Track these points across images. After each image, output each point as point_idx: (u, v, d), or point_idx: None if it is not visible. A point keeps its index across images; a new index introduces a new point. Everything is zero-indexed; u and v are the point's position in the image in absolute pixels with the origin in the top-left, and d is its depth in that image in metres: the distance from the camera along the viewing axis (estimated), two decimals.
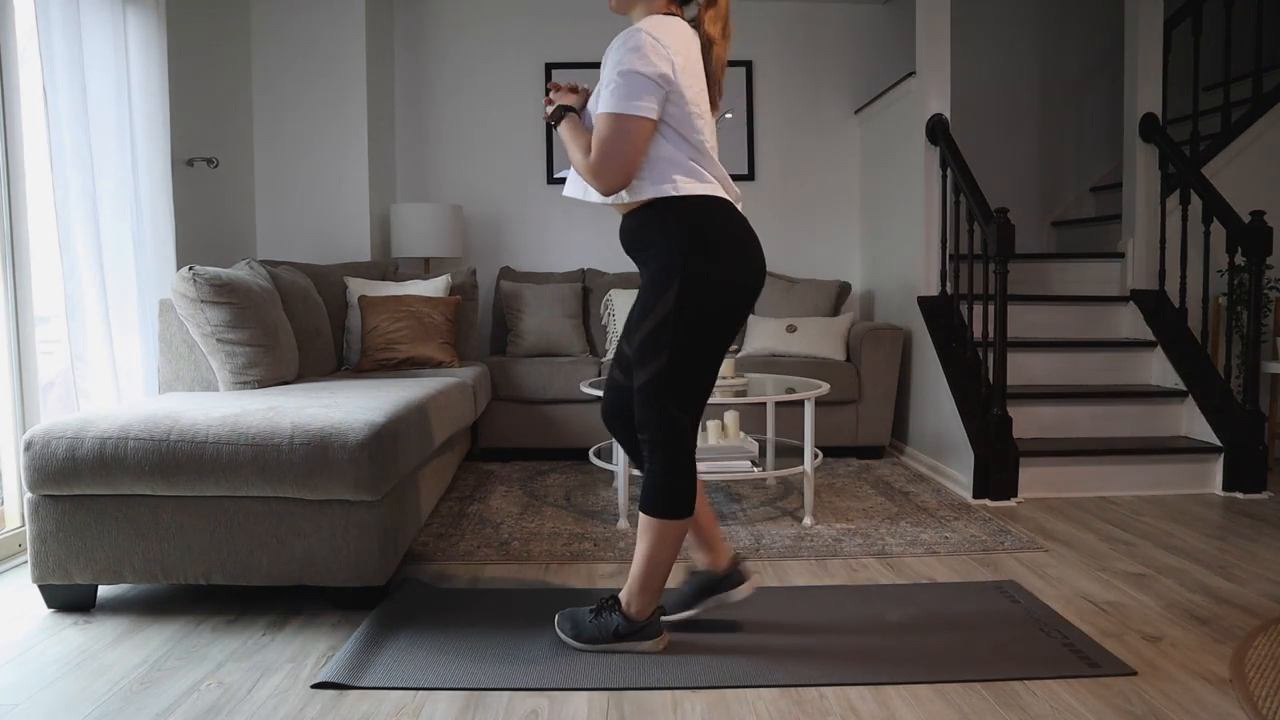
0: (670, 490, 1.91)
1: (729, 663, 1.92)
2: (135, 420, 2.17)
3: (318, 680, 1.83)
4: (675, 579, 2.24)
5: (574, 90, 1.99)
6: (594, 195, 1.94)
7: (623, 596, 1.98)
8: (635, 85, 1.78)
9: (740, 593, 2.08)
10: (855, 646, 2.00)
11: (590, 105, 1.94)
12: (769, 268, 5.09)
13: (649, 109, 1.79)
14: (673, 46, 1.81)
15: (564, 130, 1.92)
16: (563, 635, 2.02)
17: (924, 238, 4.11)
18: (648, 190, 1.86)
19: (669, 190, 1.84)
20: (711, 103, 1.96)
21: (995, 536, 2.90)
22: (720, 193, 1.90)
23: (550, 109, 1.97)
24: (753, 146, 5.08)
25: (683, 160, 1.86)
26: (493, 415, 4.16)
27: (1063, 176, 5.32)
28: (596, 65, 4.96)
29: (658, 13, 1.89)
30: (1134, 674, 1.86)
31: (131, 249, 3.00)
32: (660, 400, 1.88)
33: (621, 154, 1.79)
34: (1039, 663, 1.91)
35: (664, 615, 2.05)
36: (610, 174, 1.81)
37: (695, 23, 1.94)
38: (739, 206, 1.96)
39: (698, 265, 1.84)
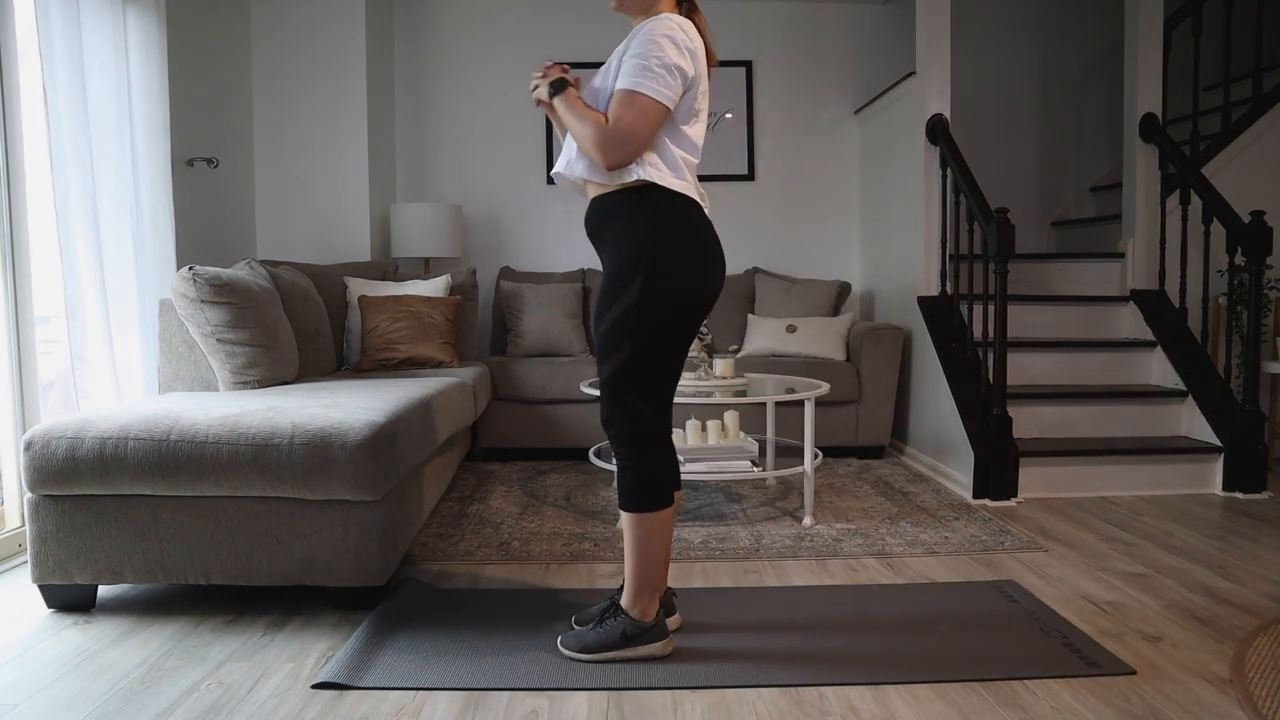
0: (641, 482, 1.90)
1: (729, 663, 1.92)
2: (135, 420, 2.17)
3: (318, 680, 1.83)
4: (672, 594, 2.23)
5: (564, 71, 1.97)
6: (578, 169, 1.91)
7: (624, 602, 1.96)
8: (662, 70, 1.80)
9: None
10: (855, 646, 2.00)
11: (599, 82, 1.92)
12: (769, 268, 5.09)
13: (669, 97, 1.82)
14: (696, 45, 1.86)
15: (563, 102, 1.90)
16: (570, 654, 1.95)
17: (924, 238, 4.11)
18: (633, 172, 1.85)
19: (652, 175, 1.85)
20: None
21: (995, 536, 2.90)
22: (692, 193, 1.91)
23: (543, 84, 1.94)
24: (753, 146, 5.08)
25: (672, 153, 1.87)
26: (493, 415, 4.16)
27: (1063, 176, 5.32)
28: (597, 65, 4.97)
29: (666, 11, 1.91)
30: (1134, 674, 1.86)
31: (131, 249, 3.00)
32: (622, 395, 1.89)
33: (637, 133, 1.80)
34: (1039, 663, 1.91)
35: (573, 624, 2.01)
36: (621, 150, 1.81)
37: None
38: (706, 210, 1.97)
39: (661, 265, 1.84)
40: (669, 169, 1.87)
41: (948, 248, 4.04)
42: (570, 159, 1.94)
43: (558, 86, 1.92)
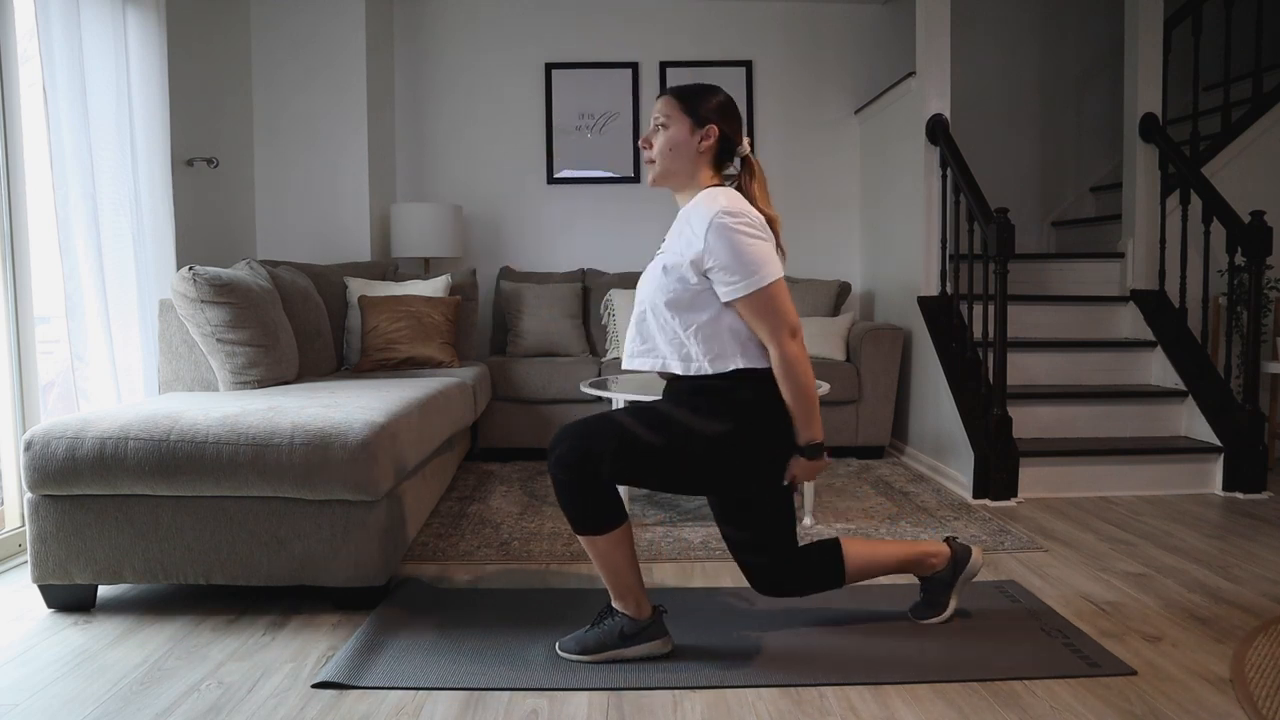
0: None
1: (729, 663, 1.92)
2: (135, 420, 2.17)
3: (318, 680, 1.83)
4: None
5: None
6: (674, 365, 1.91)
7: (616, 604, 1.95)
8: (759, 257, 1.81)
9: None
10: (855, 646, 2.00)
11: (668, 261, 1.91)
12: None
13: (777, 271, 1.84)
14: (751, 213, 1.86)
15: (803, 421, 1.90)
16: (570, 656, 1.94)
17: (924, 238, 4.11)
18: (732, 360, 1.87)
19: (757, 362, 1.87)
20: None
21: (995, 536, 2.90)
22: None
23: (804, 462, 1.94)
24: (753, 146, 5.06)
25: (748, 334, 1.88)
26: (493, 415, 4.16)
27: (1063, 176, 5.32)
28: (597, 65, 4.99)
29: (706, 185, 1.94)
30: (1134, 674, 1.86)
31: (131, 249, 3.00)
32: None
33: (787, 314, 1.83)
34: (1039, 663, 1.91)
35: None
36: (795, 332, 1.85)
37: (740, 189, 1.98)
38: None
39: (771, 439, 1.89)
40: (756, 350, 1.88)
41: (948, 247, 4.04)
42: (666, 359, 1.92)
43: (811, 453, 1.92)
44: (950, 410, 3.69)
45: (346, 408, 2.31)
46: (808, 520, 3.04)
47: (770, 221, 1.93)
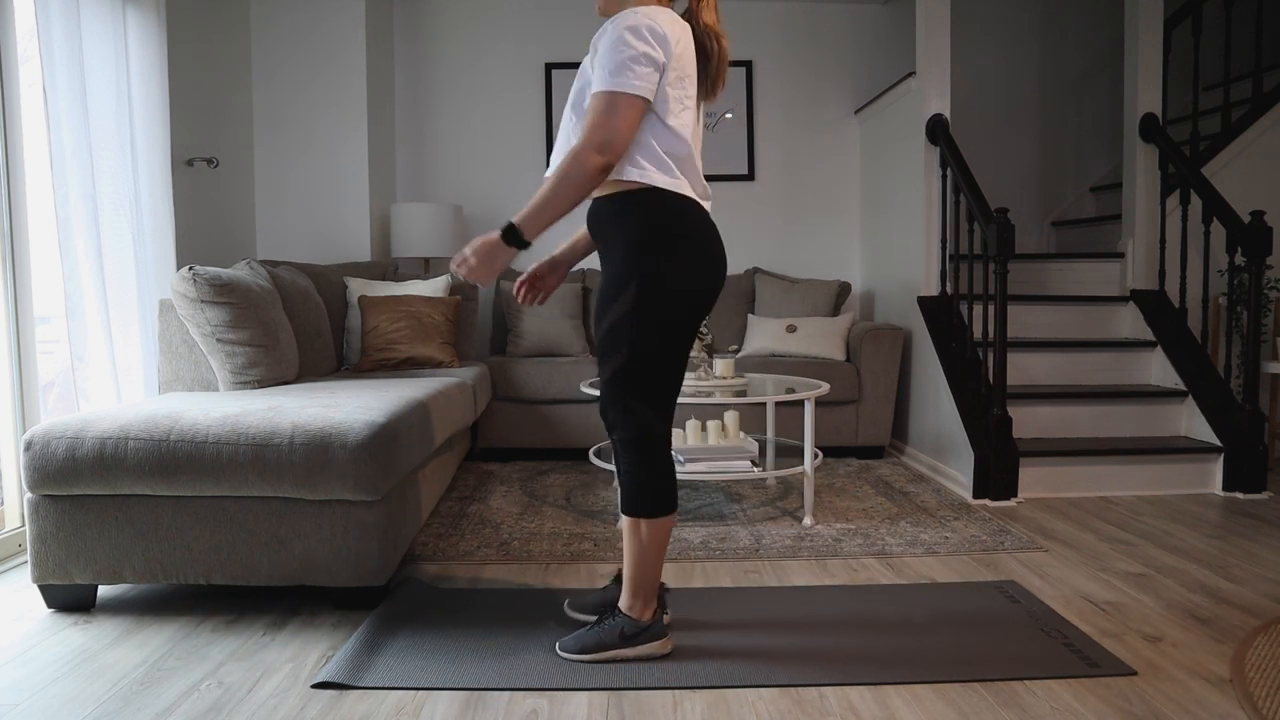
0: (646, 488, 1.89)
1: (729, 663, 1.92)
2: (135, 420, 2.17)
3: (318, 680, 1.83)
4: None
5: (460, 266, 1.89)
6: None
7: (622, 604, 1.96)
8: (629, 63, 1.75)
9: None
10: (855, 646, 2.00)
11: (575, 92, 1.88)
12: (769, 268, 5.09)
13: (641, 87, 1.76)
14: (668, 31, 1.80)
15: (526, 215, 1.80)
16: (569, 656, 1.95)
17: (924, 238, 4.11)
18: (625, 174, 1.82)
19: (637, 176, 1.81)
20: (712, 92, 1.95)
21: (995, 536, 2.90)
22: (688, 191, 1.87)
23: (494, 236, 1.83)
24: (753, 146, 5.08)
25: (656, 150, 1.83)
26: (493, 415, 4.16)
27: (1063, 176, 5.32)
28: None
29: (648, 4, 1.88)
30: (1134, 674, 1.86)
31: (131, 249, 3.00)
32: (623, 396, 1.87)
33: (616, 130, 1.75)
34: (1039, 663, 1.91)
35: (575, 610, 2.03)
36: (606, 151, 1.75)
37: (690, 15, 1.93)
38: (708, 205, 1.94)
39: (655, 266, 1.82)
40: (655, 167, 1.83)
41: (948, 248, 4.04)
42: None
43: (510, 235, 1.81)
44: (950, 410, 3.69)
45: (346, 408, 2.31)
46: (808, 520, 3.05)
47: (715, 35, 1.90)
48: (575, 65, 4.97)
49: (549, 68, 4.99)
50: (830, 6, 5.05)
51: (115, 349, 2.91)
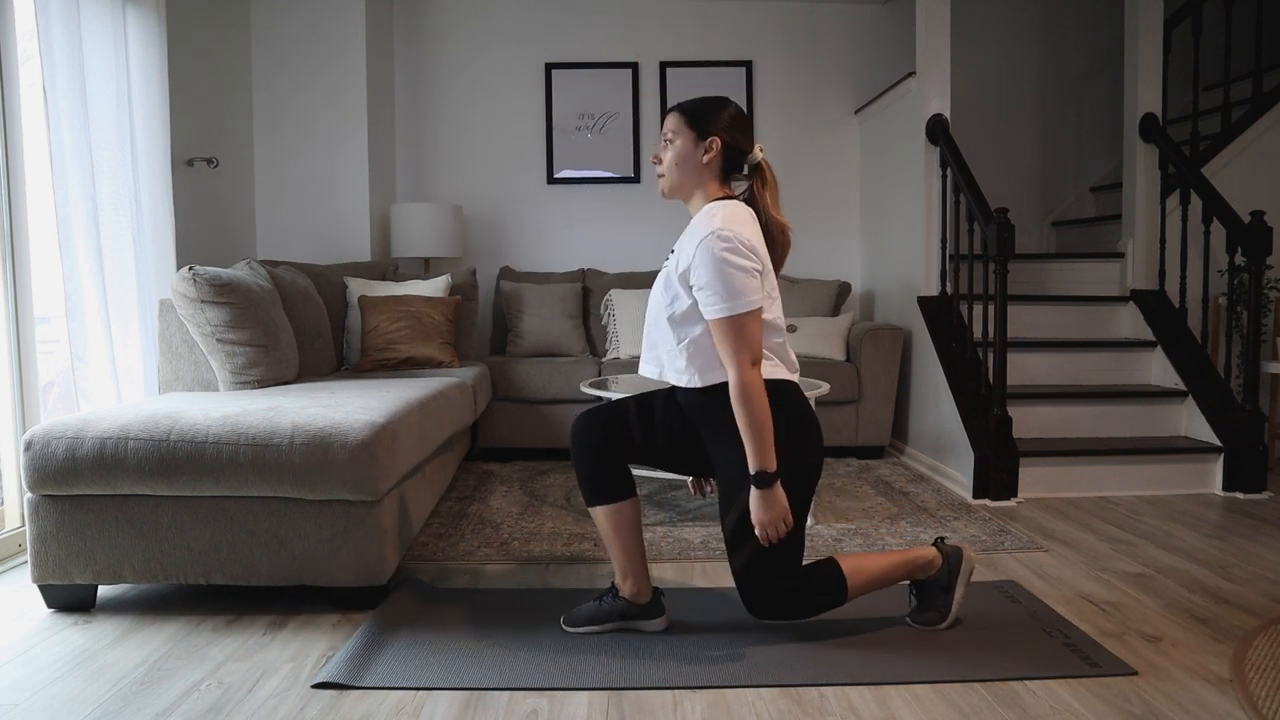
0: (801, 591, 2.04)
1: (729, 663, 1.92)
2: (135, 420, 2.17)
3: (318, 680, 1.83)
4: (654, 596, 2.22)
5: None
6: (678, 379, 1.99)
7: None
8: (740, 284, 1.85)
9: (654, 625, 2.09)
10: (855, 646, 2.00)
11: (664, 305, 1.98)
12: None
13: (755, 301, 1.87)
14: (754, 240, 1.91)
15: (754, 450, 1.88)
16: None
17: (924, 237, 4.11)
18: (719, 374, 1.93)
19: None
20: (775, 270, 2.03)
21: (995, 536, 2.90)
22: (786, 374, 2.00)
23: (757, 494, 1.91)
24: None
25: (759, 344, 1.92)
26: (493, 415, 4.16)
27: (1063, 176, 5.32)
28: (597, 65, 4.99)
29: (714, 197, 1.99)
30: (1134, 674, 1.86)
31: (131, 249, 3.00)
32: (758, 581, 1.98)
33: (752, 343, 1.87)
34: (1039, 663, 1.91)
35: (574, 625, 2.10)
36: (756, 360, 1.88)
37: (754, 203, 2.03)
38: (795, 378, 2.04)
39: (782, 452, 1.90)
40: (764, 361, 1.93)
41: (948, 248, 4.04)
42: (664, 367, 2.02)
43: (762, 482, 1.89)
44: (950, 410, 3.69)
45: (346, 408, 2.31)
46: (808, 520, 3.04)
47: (781, 229, 2.02)
48: (575, 65, 4.97)
49: (549, 67, 4.98)
50: (830, 6, 5.05)
51: (115, 349, 2.91)
